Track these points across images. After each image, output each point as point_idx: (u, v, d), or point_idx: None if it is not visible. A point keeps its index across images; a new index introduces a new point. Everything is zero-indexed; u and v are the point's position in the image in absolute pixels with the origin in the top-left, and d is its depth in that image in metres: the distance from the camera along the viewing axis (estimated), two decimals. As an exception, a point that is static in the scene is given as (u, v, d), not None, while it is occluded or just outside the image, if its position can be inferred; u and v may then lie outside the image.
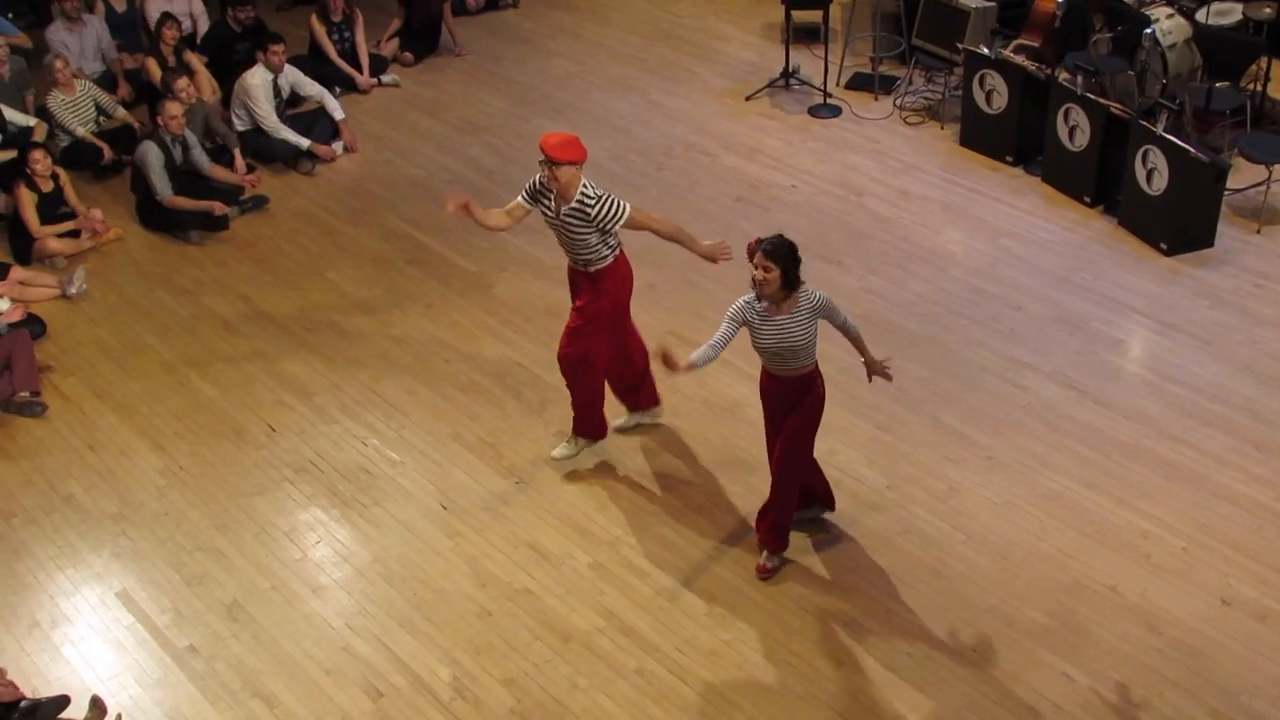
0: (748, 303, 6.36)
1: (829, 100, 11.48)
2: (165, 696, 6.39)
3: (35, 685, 6.43)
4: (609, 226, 6.94)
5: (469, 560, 7.07)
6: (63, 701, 6.28)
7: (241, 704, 6.33)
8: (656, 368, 6.72)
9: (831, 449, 7.62)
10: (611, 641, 6.55)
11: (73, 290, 9.40)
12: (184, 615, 6.83)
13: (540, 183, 6.99)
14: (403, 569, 7.05)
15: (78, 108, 10.86)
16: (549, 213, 7.01)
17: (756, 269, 6.21)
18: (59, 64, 10.81)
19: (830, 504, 7.12)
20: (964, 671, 6.31)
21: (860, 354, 6.67)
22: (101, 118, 11.09)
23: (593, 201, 6.87)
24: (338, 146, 11.14)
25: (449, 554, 7.12)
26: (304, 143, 10.90)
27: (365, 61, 12.24)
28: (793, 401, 6.53)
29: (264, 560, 7.15)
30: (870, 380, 6.79)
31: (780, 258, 6.17)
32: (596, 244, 7.01)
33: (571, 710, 6.20)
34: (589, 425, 7.65)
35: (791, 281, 6.23)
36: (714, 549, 7.06)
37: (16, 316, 8.57)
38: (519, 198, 7.13)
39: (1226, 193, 9.34)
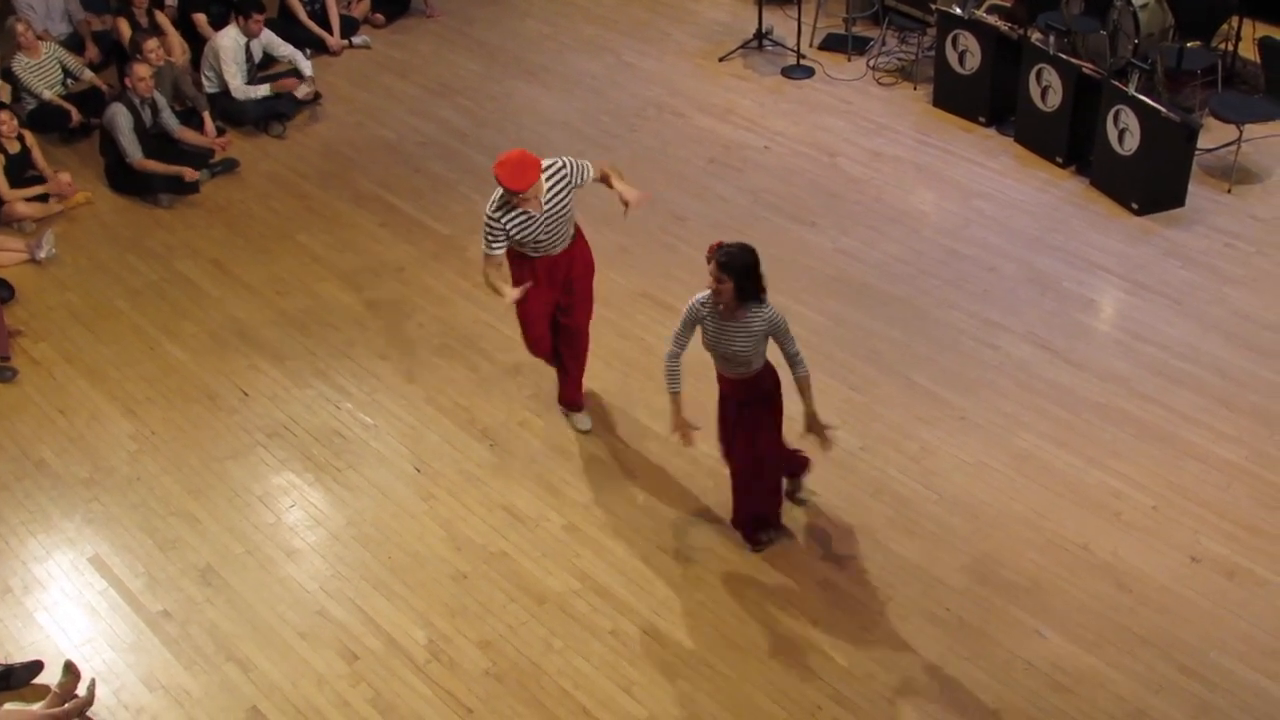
0: (701, 303, 6.14)
1: (802, 61, 11.45)
2: (139, 661, 6.39)
3: (8, 651, 6.43)
4: (585, 177, 6.80)
5: (443, 523, 7.07)
6: (36, 667, 6.29)
7: (216, 668, 6.33)
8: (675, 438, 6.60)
9: (805, 410, 7.65)
10: (587, 603, 6.57)
11: (42, 254, 9.32)
12: (157, 580, 6.82)
13: (501, 209, 6.63)
14: (377, 532, 7.04)
15: (43, 70, 10.73)
16: (531, 220, 6.67)
17: (711, 276, 5.98)
18: (20, 27, 10.67)
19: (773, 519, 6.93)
20: (936, 630, 6.36)
21: (803, 399, 6.29)
22: (69, 80, 10.97)
23: (560, 167, 6.69)
24: (303, 84, 11.01)
25: (423, 517, 7.12)
26: (263, 89, 10.79)
27: (336, 23, 12.15)
28: (747, 398, 6.37)
29: (237, 524, 7.14)
30: (805, 434, 6.46)
31: (733, 271, 5.90)
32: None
33: (547, 671, 6.23)
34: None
35: (746, 294, 5.99)
36: (688, 511, 7.09)
37: None
38: (498, 249, 6.74)
39: (1197, 152, 9.36)
